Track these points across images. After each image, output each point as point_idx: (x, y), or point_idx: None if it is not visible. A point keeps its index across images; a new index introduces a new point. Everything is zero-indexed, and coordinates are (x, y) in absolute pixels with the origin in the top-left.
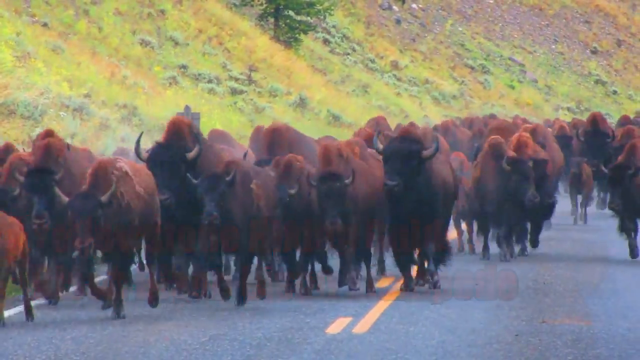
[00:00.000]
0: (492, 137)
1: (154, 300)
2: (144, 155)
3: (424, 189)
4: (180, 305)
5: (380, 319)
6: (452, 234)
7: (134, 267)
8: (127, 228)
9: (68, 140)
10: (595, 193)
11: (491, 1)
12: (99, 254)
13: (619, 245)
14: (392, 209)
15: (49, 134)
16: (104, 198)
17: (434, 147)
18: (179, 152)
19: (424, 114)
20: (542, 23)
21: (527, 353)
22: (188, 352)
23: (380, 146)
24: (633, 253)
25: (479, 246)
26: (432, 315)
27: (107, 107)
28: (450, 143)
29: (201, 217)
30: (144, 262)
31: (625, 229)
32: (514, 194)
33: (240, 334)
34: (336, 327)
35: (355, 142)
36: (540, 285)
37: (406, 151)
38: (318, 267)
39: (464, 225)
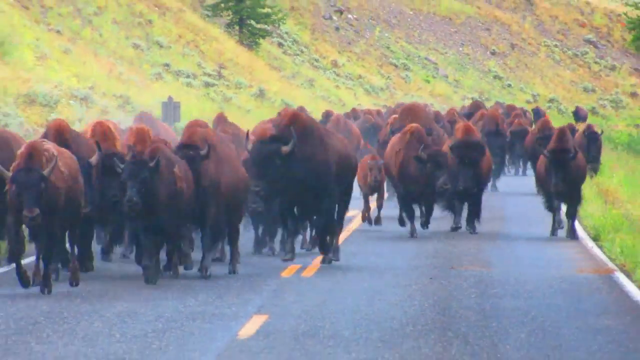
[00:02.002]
0: (413, 125)
1: (74, 280)
2: (5, 175)
3: (309, 172)
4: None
5: (323, 266)
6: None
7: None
8: (54, 207)
9: (77, 123)
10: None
11: (411, 12)
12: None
13: (514, 207)
14: (281, 195)
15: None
16: (46, 172)
17: (291, 143)
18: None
19: (358, 103)
20: (452, 30)
21: (439, 292)
22: (155, 302)
23: (250, 146)
24: (554, 232)
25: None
26: (363, 264)
27: (107, 97)
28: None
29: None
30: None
31: (552, 207)
32: (430, 179)
33: (210, 279)
34: (288, 272)
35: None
36: (450, 239)
37: (264, 154)
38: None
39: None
